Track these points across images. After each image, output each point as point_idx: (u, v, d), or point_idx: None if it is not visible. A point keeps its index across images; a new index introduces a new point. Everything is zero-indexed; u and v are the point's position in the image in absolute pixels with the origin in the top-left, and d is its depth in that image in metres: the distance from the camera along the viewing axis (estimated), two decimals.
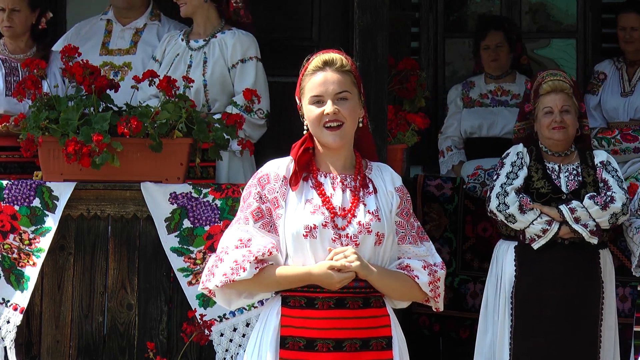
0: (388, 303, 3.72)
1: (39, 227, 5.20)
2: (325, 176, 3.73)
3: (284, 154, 3.84)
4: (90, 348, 5.20)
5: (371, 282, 3.65)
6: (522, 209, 5.31)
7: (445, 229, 6.34)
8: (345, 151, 3.75)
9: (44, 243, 5.18)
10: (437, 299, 3.75)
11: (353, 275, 3.62)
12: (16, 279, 5.19)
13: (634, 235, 5.34)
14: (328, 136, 3.69)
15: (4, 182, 5.23)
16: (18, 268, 5.19)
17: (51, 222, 5.19)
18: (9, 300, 5.19)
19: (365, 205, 3.68)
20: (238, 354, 5.15)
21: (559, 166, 5.44)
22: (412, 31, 7.41)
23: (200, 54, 5.79)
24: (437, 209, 6.37)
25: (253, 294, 3.78)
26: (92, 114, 5.19)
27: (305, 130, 3.75)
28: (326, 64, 3.71)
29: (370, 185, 3.73)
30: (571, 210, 5.28)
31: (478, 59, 7.01)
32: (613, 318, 5.39)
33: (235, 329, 5.17)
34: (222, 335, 5.16)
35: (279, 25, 7.12)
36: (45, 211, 5.20)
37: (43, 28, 6.03)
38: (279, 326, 3.67)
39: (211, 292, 3.76)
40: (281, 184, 3.72)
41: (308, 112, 3.71)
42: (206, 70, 5.75)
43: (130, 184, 5.22)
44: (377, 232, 3.67)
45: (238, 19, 5.86)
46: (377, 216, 3.68)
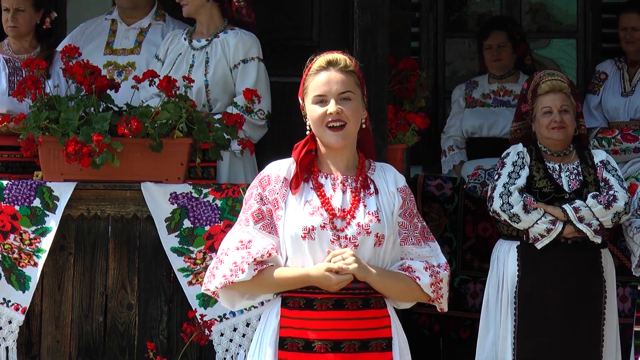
0: (390, 304, 3.71)
1: (39, 227, 5.19)
2: (326, 177, 3.72)
3: (284, 154, 3.84)
4: (90, 348, 5.20)
5: (370, 284, 3.64)
6: (527, 208, 5.31)
7: (446, 229, 6.34)
8: (347, 152, 3.74)
9: (45, 243, 5.18)
10: (440, 300, 3.73)
11: (351, 277, 3.61)
12: (17, 279, 5.19)
13: (634, 235, 5.34)
14: (331, 136, 3.68)
15: (5, 182, 5.23)
16: (19, 268, 5.19)
17: (51, 222, 5.19)
18: (9, 301, 5.19)
19: (365, 207, 3.67)
20: (238, 354, 5.15)
21: (559, 166, 5.44)
22: (412, 31, 7.41)
23: (202, 53, 5.78)
24: (437, 209, 6.37)
25: (255, 295, 3.78)
26: (93, 114, 5.19)
27: (308, 131, 3.75)
28: (330, 64, 3.70)
29: (371, 186, 3.71)
30: (575, 210, 5.28)
31: (481, 59, 7.00)
32: (615, 317, 5.39)
33: (235, 329, 5.17)
34: (222, 335, 5.16)
35: (279, 25, 7.12)
36: (45, 211, 5.20)
37: (47, 28, 6.02)
38: (278, 327, 3.67)
39: (215, 293, 3.76)
40: (281, 185, 3.71)
41: (311, 112, 3.70)
42: (208, 70, 5.75)
43: (131, 184, 5.21)
44: (377, 233, 3.65)
45: (240, 18, 5.86)
46: (377, 217, 3.66)
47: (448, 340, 6.43)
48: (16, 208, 5.20)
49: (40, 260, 5.18)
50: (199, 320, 5.09)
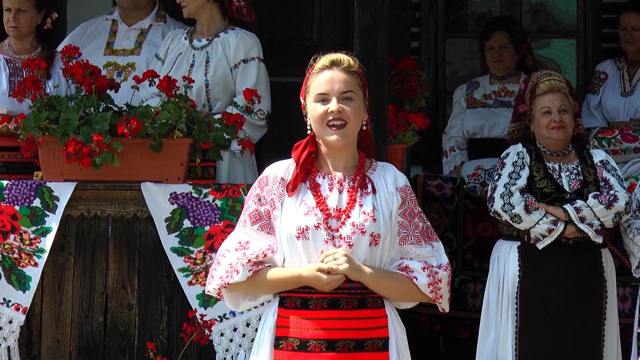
0: (389, 304, 3.70)
1: (39, 227, 5.20)
2: (323, 177, 3.72)
3: (284, 154, 3.84)
4: (90, 348, 5.20)
5: (365, 284, 3.63)
6: (528, 209, 5.31)
7: (446, 229, 6.34)
8: (347, 152, 3.73)
9: (45, 243, 5.18)
10: (440, 300, 3.71)
11: (342, 277, 3.60)
12: (17, 279, 5.19)
13: (635, 236, 5.34)
14: (331, 135, 3.67)
15: (5, 182, 5.23)
16: (19, 268, 5.19)
17: (52, 222, 5.19)
18: (10, 301, 5.19)
19: (361, 206, 3.66)
20: (238, 354, 5.15)
21: (559, 165, 5.45)
22: (412, 31, 7.41)
23: (202, 53, 5.79)
24: (438, 209, 6.37)
25: (255, 296, 3.78)
26: (93, 114, 5.19)
27: (309, 131, 3.75)
28: (333, 64, 3.70)
29: (369, 186, 3.70)
30: (577, 210, 5.29)
31: (483, 60, 7.00)
32: (615, 317, 5.39)
33: (235, 329, 5.17)
34: (223, 335, 5.16)
35: (279, 25, 7.12)
36: (45, 211, 5.20)
37: (48, 29, 6.03)
38: (274, 326, 3.68)
39: (219, 295, 3.77)
40: (278, 185, 3.71)
41: (312, 111, 3.70)
42: (208, 69, 5.75)
43: (131, 184, 5.22)
44: (372, 233, 3.64)
45: (241, 17, 5.86)
46: (373, 217, 3.64)
47: (448, 340, 6.44)
48: (16, 208, 5.20)
49: (41, 260, 5.18)
50: (199, 320, 5.09)
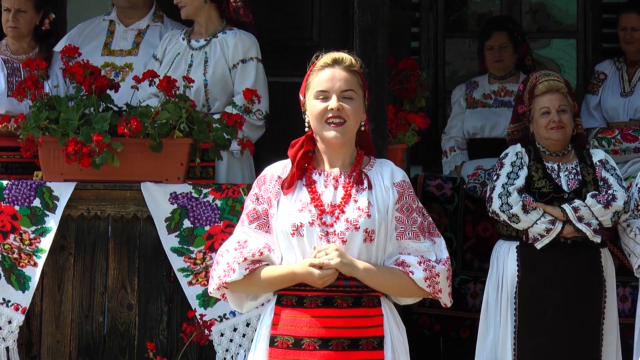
0: (386, 303, 3.69)
1: (39, 227, 5.20)
2: (319, 174, 3.72)
3: (284, 154, 3.84)
4: (90, 348, 5.20)
5: (359, 279, 3.62)
6: (526, 208, 5.31)
7: (446, 229, 6.34)
8: (345, 150, 3.73)
9: (45, 243, 5.18)
10: (439, 295, 3.68)
11: (334, 272, 3.59)
12: (17, 279, 5.19)
13: (636, 235, 5.33)
14: (330, 132, 3.67)
15: (4, 182, 5.23)
16: (18, 268, 5.19)
17: (51, 222, 5.19)
18: (9, 301, 5.19)
19: (356, 202, 3.65)
20: (238, 354, 5.15)
21: (558, 165, 5.45)
22: (412, 31, 7.41)
23: (201, 53, 5.79)
24: (438, 209, 6.37)
25: (256, 295, 3.79)
26: (92, 114, 5.19)
27: (307, 128, 3.75)
28: (336, 62, 3.71)
29: (365, 182, 3.69)
30: (574, 209, 5.28)
31: (482, 60, 7.00)
32: (615, 317, 5.38)
33: (235, 329, 5.17)
34: (223, 335, 5.16)
35: (279, 25, 7.12)
36: (45, 211, 5.20)
37: (46, 29, 6.03)
38: (270, 324, 3.68)
39: (223, 296, 3.77)
40: (275, 183, 3.73)
41: (312, 107, 3.70)
42: (207, 69, 5.75)
43: (131, 184, 5.22)
44: (366, 229, 3.63)
45: (238, 18, 5.86)
46: (367, 213, 3.63)
47: (448, 340, 6.43)
48: (16, 208, 5.20)
49: (40, 260, 5.18)
50: (199, 320, 5.09)
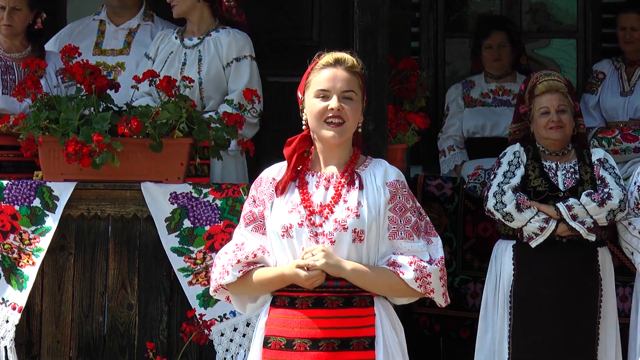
0: (379, 303, 3.67)
1: (39, 227, 5.20)
2: (312, 175, 3.72)
3: (283, 154, 3.84)
4: (90, 348, 5.20)
5: (347, 280, 3.61)
6: (519, 207, 5.31)
7: (446, 228, 6.34)
8: (341, 149, 3.73)
9: (44, 243, 5.18)
10: (432, 295, 3.66)
11: (321, 273, 3.59)
12: (16, 279, 5.19)
13: None
14: (328, 132, 3.68)
15: (4, 182, 5.23)
16: (18, 268, 5.19)
17: (51, 222, 5.19)
18: (7, 300, 5.19)
19: (345, 202, 3.64)
20: (238, 353, 5.15)
21: (557, 164, 5.45)
22: (412, 31, 7.41)
23: (194, 52, 5.80)
24: (438, 209, 6.37)
25: (255, 298, 3.79)
26: (93, 114, 5.20)
27: (304, 126, 3.75)
28: (337, 62, 3.71)
29: (356, 181, 3.68)
30: (568, 208, 5.28)
31: (477, 58, 6.99)
32: (614, 316, 5.38)
33: (235, 329, 5.17)
34: (223, 335, 5.16)
35: (279, 25, 7.12)
36: (45, 211, 5.20)
37: (39, 28, 6.05)
38: (264, 325, 3.69)
39: (228, 298, 3.79)
40: (269, 185, 3.74)
41: (311, 106, 3.70)
42: (201, 68, 5.76)
43: (131, 184, 5.22)
44: (355, 229, 3.62)
45: (231, 17, 5.88)
46: (356, 213, 3.62)
47: (448, 340, 6.43)
48: (16, 208, 5.20)
49: (38, 259, 5.18)
50: (199, 320, 5.09)
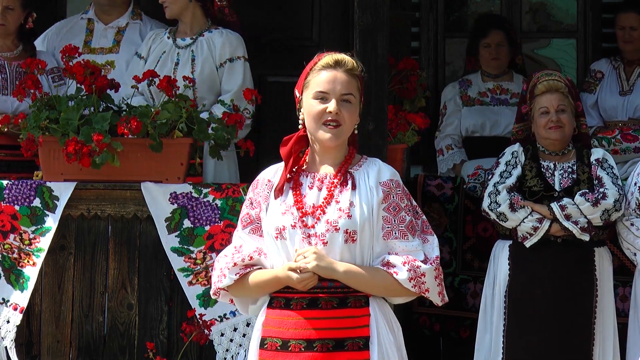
0: (375, 302, 3.66)
1: (39, 227, 5.20)
2: (307, 176, 3.72)
3: None
4: (90, 348, 5.20)
5: (341, 281, 3.61)
6: (513, 207, 5.31)
7: (446, 228, 6.34)
8: (336, 150, 3.72)
9: (44, 243, 5.18)
10: (427, 294, 3.65)
11: (313, 276, 3.59)
12: (16, 279, 5.19)
13: None
14: (325, 134, 3.67)
15: (4, 182, 5.23)
16: (18, 268, 5.19)
17: (51, 222, 5.19)
18: (8, 300, 5.19)
19: (337, 203, 3.64)
20: (239, 353, 5.15)
21: (555, 164, 5.44)
22: (413, 31, 7.41)
23: (187, 52, 5.80)
24: (438, 209, 6.37)
25: (255, 299, 3.79)
26: (93, 113, 5.20)
27: (300, 125, 3.74)
28: (337, 64, 3.70)
29: (349, 182, 3.67)
30: (562, 208, 5.28)
31: (472, 57, 6.99)
32: (610, 316, 5.37)
33: (235, 329, 5.17)
34: (223, 335, 5.16)
35: (279, 25, 7.11)
36: (45, 211, 5.20)
37: (30, 27, 6.06)
38: (261, 326, 3.69)
39: (232, 301, 3.79)
40: (265, 187, 3.73)
41: (309, 107, 3.70)
42: (195, 68, 5.76)
43: (131, 184, 5.22)
44: (347, 230, 3.61)
45: (223, 17, 5.89)
46: (348, 213, 3.61)
47: (448, 340, 6.43)
48: (16, 208, 5.20)
49: (39, 259, 5.18)
50: (199, 320, 5.09)
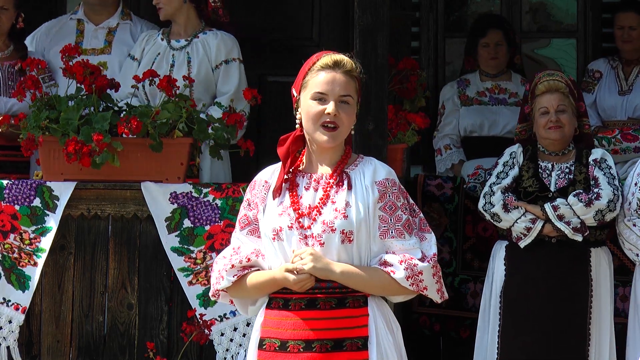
0: (374, 302, 3.66)
1: (39, 227, 5.20)
2: (303, 176, 3.71)
3: None
4: (90, 348, 5.21)
5: (338, 282, 3.60)
6: (506, 207, 5.31)
7: (446, 228, 6.34)
8: (333, 151, 3.71)
9: (45, 243, 5.18)
10: (425, 292, 3.64)
11: (309, 277, 3.58)
12: (17, 279, 5.19)
13: None
14: (322, 135, 3.66)
15: (5, 182, 5.24)
16: (19, 268, 5.19)
17: (52, 222, 5.19)
18: (9, 300, 5.19)
19: (333, 203, 3.63)
20: (239, 353, 5.15)
21: (553, 165, 5.44)
22: (413, 31, 7.41)
23: (182, 53, 5.81)
24: (438, 209, 6.37)
25: (255, 300, 3.79)
26: (93, 113, 5.20)
27: (297, 124, 3.74)
28: (336, 65, 3.69)
29: (345, 182, 3.66)
30: (554, 208, 5.27)
31: (470, 57, 6.98)
32: (607, 317, 5.35)
33: (235, 329, 5.17)
34: (223, 334, 5.16)
35: (279, 25, 7.12)
36: (45, 211, 5.20)
37: (20, 27, 6.07)
38: (260, 327, 3.69)
39: (232, 302, 3.80)
40: (262, 188, 3.73)
41: (307, 107, 3.69)
42: (191, 69, 5.77)
43: (131, 184, 5.22)
44: (343, 230, 3.60)
45: (217, 18, 5.89)
46: (344, 214, 3.61)
47: (448, 340, 6.43)
48: (16, 208, 5.20)
49: (40, 260, 5.18)
50: (199, 320, 5.09)
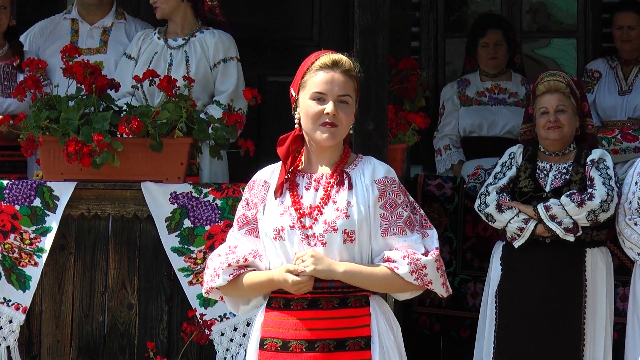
0: (375, 302, 3.66)
1: (39, 227, 5.20)
2: (303, 176, 3.71)
3: None
4: (90, 348, 5.21)
5: (342, 281, 3.60)
6: (500, 207, 5.32)
7: (446, 228, 6.34)
8: (332, 150, 3.72)
9: (45, 243, 5.18)
10: (430, 286, 3.64)
11: (309, 280, 3.58)
12: (17, 279, 5.19)
13: None
14: (321, 134, 3.67)
15: (5, 182, 5.24)
16: (19, 268, 5.19)
17: (52, 222, 5.20)
18: (10, 300, 5.19)
19: (335, 203, 3.63)
20: (239, 353, 5.15)
21: (551, 165, 5.44)
22: (413, 31, 7.41)
23: (180, 52, 5.81)
24: (438, 209, 6.37)
25: (248, 300, 3.79)
26: (93, 113, 5.20)
27: (296, 124, 3.74)
28: (335, 65, 3.70)
29: (345, 181, 3.67)
30: (546, 208, 5.27)
31: (471, 57, 6.99)
32: (603, 317, 5.34)
33: (236, 329, 5.17)
34: (223, 334, 5.16)
35: (279, 25, 7.12)
36: (45, 211, 5.20)
37: (13, 25, 6.08)
38: (260, 327, 3.69)
39: (222, 298, 3.79)
40: (261, 188, 3.73)
41: (306, 107, 3.70)
42: (189, 68, 5.77)
43: (131, 184, 5.22)
44: (345, 230, 3.60)
45: (214, 17, 5.90)
46: (345, 213, 3.61)
47: (448, 340, 6.43)
48: (16, 208, 5.20)
49: (41, 260, 5.18)
50: (199, 320, 5.09)
